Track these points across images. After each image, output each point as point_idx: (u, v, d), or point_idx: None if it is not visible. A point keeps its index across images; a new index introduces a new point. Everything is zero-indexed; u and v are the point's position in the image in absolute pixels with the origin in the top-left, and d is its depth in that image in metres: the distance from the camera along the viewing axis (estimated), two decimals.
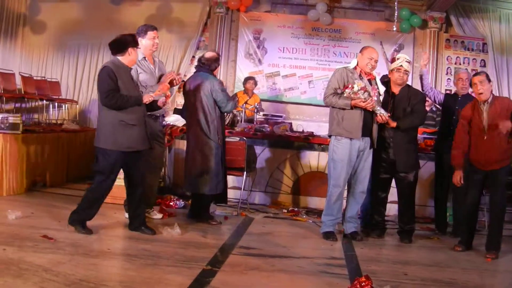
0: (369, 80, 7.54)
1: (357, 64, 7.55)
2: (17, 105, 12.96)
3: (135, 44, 7.00)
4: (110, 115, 6.76)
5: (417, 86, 8.40)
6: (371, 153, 7.56)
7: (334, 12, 13.90)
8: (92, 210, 6.91)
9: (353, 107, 7.24)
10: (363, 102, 7.18)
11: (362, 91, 7.14)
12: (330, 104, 7.40)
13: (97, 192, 6.94)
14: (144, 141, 6.96)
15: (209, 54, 8.14)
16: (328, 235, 7.45)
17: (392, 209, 9.03)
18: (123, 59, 6.91)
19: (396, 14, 11.73)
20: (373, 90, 7.38)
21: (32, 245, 5.98)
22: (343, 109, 7.29)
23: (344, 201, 7.76)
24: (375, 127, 7.51)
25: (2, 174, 8.70)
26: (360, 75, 7.47)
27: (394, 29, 12.14)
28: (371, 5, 13.90)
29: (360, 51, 7.67)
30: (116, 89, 6.67)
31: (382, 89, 7.82)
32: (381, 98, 7.67)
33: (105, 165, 6.81)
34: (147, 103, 6.89)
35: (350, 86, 7.17)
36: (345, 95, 7.21)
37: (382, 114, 7.40)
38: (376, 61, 7.59)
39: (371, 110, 7.32)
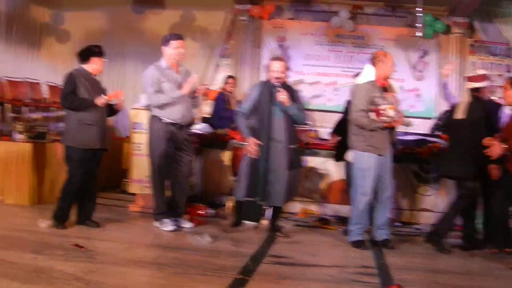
0: (385, 88, 7.41)
1: (376, 73, 7.34)
2: (44, 114, 13.03)
3: (98, 55, 7.55)
4: (71, 115, 7.39)
5: (439, 93, 8.27)
6: (391, 156, 7.50)
7: (357, 18, 13.89)
8: (66, 205, 7.39)
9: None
10: (396, 122, 7.14)
11: (395, 113, 7.05)
12: (360, 126, 7.19)
13: (64, 189, 7.40)
14: (101, 141, 7.43)
15: None
16: (358, 244, 7.35)
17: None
18: (87, 67, 7.50)
19: (419, 20, 11.63)
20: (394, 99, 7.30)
21: (63, 254, 5.99)
22: None
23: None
24: (394, 134, 7.45)
25: (31, 183, 8.76)
26: (382, 88, 7.31)
27: (417, 34, 12.04)
28: (394, 11, 13.85)
29: (379, 59, 7.33)
30: (71, 93, 7.28)
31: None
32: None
33: (70, 162, 7.36)
34: (100, 105, 7.28)
35: (382, 112, 6.96)
36: (373, 117, 7.04)
37: (408, 123, 7.38)
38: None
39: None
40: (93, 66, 7.47)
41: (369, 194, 7.29)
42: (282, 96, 7.44)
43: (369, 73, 7.37)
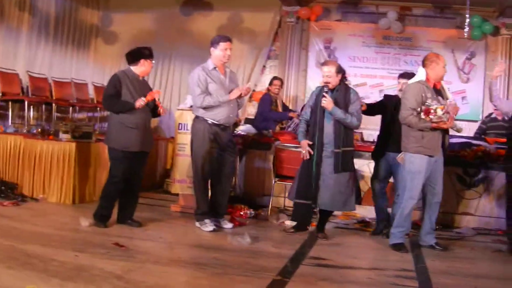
0: (436, 89, 7.32)
1: (427, 75, 7.25)
2: (90, 114, 13.21)
3: (147, 57, 7.50)
4: (114, 117, 7.46)
5: (488, 95, 8.14)
6: (443, 160, 7.39)
7: (405, 20, 13.74)
8: (108, 206, 7.44)
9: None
10: (445, 124, 7.03)
11: (445, 114, 6.96)
12: (409, 125, 7.12)
13: (106, 189, 7.51)
14: (142, 144, 7.42)
15: None
16: (399, 247, 7.26)
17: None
18: (135, 69, 7.50)
19: (467, 21, 11.45)
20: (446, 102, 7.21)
21: (104, 252, 6.04)
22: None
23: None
24: (447, 138, 7.35)
25: (75, 182, 8.86)
26: (434, 88, 7.25)
27: (466, 35, 11.86)
28: (442, 12, 13.67)
29: (431, 61, 7.23)
30: (114, 95, 7.31)
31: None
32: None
33: (112, 161, 7.46)
34: (138, 108, 7.21)
35: (432, 111, 6.87)
36: (423, 117, 6.95)
37: (459, 129, 7.32)
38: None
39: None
40: (141, 68, 7.48)
41: (416, 198, 7.21)
42: (324, 100, 7.40)
43: (422, 75, 7.29)
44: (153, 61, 7.61)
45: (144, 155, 7.62)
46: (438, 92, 7.27)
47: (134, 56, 7.52)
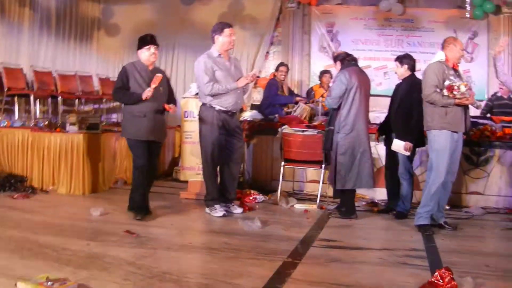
0: (455, 70, 7.35)
1: (446, 57, 7.30)
2: (96, 106, 13.27)
3: (144, 44, 7.43)
4: (125, 108, 7.48)
5: (492, 74, 8.15)
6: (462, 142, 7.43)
7: (405, 1, 13.70)
8: (139, 194, 7.38)
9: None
10: (467, 100, 7.06)
11: (468, 91, 6.99)
12: (432, 102, 7.12)
13: (135, 179, 7.45)
14: (152, 133, 7.35)
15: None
16: (425, 228, 7.20)
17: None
18: (141, 58, 7.45)
19: (468, 0, 11.39)
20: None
21: (116, 240, 6.11)
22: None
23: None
24: (468, 115, 7.37)
25: (84, 173, 8.94)
26: (453, 69, 7.28)
27: (467, 15, 11.80)
28: None
29: (449, 43, 7.32)
30: (122, 87, 7.31)
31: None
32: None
33: (133, 152, 7.44)
34: (146, 98, 7.12)
35: (455, 87, 6.94)
36: (446, 93, 7.00)
37: (479, 105, 7.41)
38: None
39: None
40: (142, 56, 7.39)
41: (444, 177, 7.16)
42: None
43: (441, 56, 7.36)
44: (152, 48, 7.40)
45: (157, 145, 7.58)
46: (457, 72, 7.33)
47: (138, 45, 7.49)
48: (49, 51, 13.03)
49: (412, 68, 8.23)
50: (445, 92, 7.00)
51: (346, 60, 8.04)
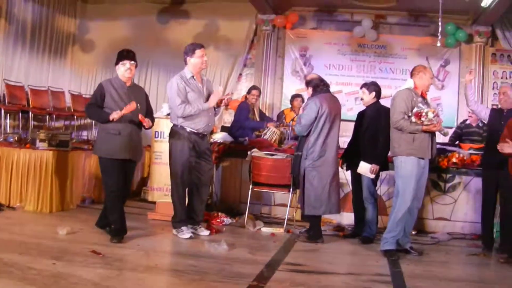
0: (423, 98, 7.47)
1: (415, 84, 7.44)
2: (67, 122, 13.20)
3: (120, 60, 7.31)
4: (100, 126, 7.38)
5: (464, 102, 8.31)
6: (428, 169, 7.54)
7: (379, 28, 13.91)
8: (114, 217, 7.26)
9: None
10: (435, 127, 7.18)
11: (436, 117, 7.13)
12: (400, 129, 7.25)
13: (107, 203, 7.40)
14: (127, 151, 7.18)
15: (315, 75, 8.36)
16: (391, 253, 7.28)
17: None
18: (118, 72, 7.35)
19: (440, 29, 11.53)
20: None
21: (81, 260, 6.07)
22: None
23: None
24: (435, 142, 7.49)
25: (52, 190, 8.88)
26: (421, 96, 7.42)
27: (439, 44, 11.93)
28: (416, 20, 13.85)
29: (418, 71, 7.48)
30: (93, 104, 7.15)
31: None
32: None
33: (103, 173, 7.30)
34: (113, 120, 6.98)
35: (423, 114, 7.08)
36: (414, 120, 7.14)
37: (446, 132, 7.56)
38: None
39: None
40: (118, 72, 7.30)
41: (410, 202, 7.25)
42: None
43: (410, 84, 7.49)
44: (128, 63, 7.24)
45: (132, 165, 7.47)
46: (425, 100, 7.48)
47: (115, 60, 7.38)
48: (23, 65, 12.96)
49: (378, 95, 8.41)
50: (413, 118, 7.13)
51: (319, 87, 8.10)
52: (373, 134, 8.16)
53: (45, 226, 7.84)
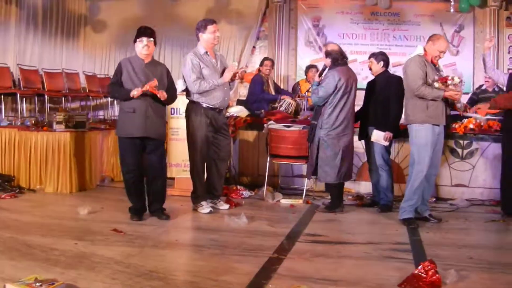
0: (435, 65, 7.43)
1: (425, 51, 7.36)
2: (82, 103, 13.26)
3: (137, 37, 7.21)
4: (119, 105, 7.53)
5: (479, 67, 8.23)
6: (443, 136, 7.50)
7: None
8: (131, 198, 7.32)
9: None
10: (457, 94, 7.16)
11: (460, 83, 7.09)
12: (421, 95, 7.14)
13: (124, 183, 7.37)
14: (143, 129, 7.06)
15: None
16: (410, 222, 7.28)
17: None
18: (136, 50, 7.27)
19: None
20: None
21: (103, 239, 6.14)
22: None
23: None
24: (448, 111, 7.46)
25: (71, 171, 8.96)
26: (432, 63, 7.35)
27: (452, 10, 11.82)
28: None
29: (431, 40, 7.38)
30: (114, 83, 7.17)
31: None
32: None
33: (120, 154, 7.30)
34: (134, 97, 6.95)
35: (449, 78, 7.05)
36: (436, 85, 7.08)
37: (462, 107, 7.53)
38: (444, 54, 7.48)
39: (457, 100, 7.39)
40: (136, 50, 7.23)
41: (425, 170, 7.23)
42: None
43: (420, 51, 7.41)
44: (145, 40, 7.12)
45: (155, 142, 7.25)
46: (436, 67, 7.41)
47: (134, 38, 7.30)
48: (36, 49, 13.03)
49: (386, 65, 8.44)
50: (436, 84, 7.07)
51: (337, 61, 8.08)
52: (384, 102, 8.16)
53: (66, 207, 7.93)
